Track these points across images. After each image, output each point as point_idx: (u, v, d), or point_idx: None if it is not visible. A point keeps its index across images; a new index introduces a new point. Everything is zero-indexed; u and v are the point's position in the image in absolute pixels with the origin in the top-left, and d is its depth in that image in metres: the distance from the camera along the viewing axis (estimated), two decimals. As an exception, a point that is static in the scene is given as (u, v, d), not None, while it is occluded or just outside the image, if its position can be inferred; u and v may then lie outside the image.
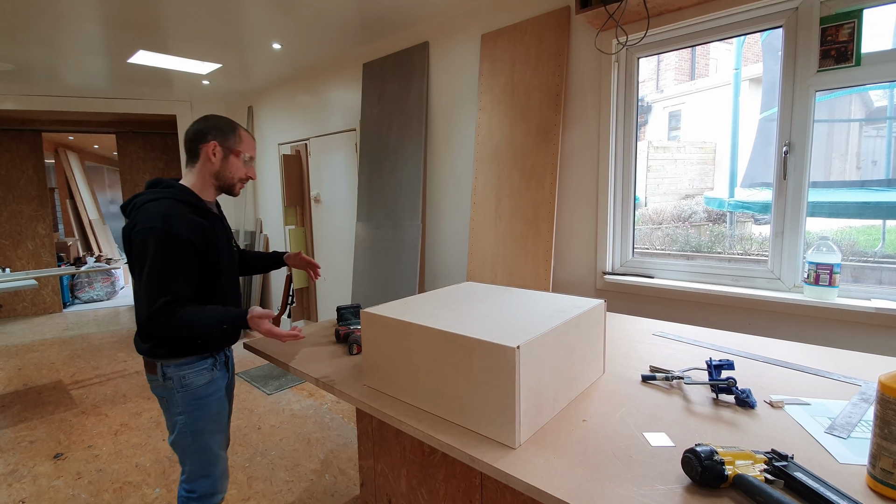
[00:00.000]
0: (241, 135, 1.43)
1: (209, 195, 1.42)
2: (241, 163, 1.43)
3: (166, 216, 1.24)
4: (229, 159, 1.40)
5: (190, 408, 1.37)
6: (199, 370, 1.38)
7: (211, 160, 1.38)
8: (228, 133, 1.40)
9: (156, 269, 1.22)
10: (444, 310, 1.14)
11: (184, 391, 1.36)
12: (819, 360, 1.30)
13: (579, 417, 0.99)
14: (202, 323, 1.24)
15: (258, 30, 2.92)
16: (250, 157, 1.46)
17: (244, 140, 1.43)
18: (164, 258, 1.23)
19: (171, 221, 1.24)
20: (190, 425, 1.38)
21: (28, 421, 2.88)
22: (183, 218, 1.26)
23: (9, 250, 5.52)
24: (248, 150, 1.45)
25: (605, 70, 2.05)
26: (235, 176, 1.43)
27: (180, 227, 1.24)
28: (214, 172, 1.40)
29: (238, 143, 1.42)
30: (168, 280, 1.23)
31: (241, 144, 1.42)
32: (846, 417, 0.97)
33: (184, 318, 1.22)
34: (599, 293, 2.16)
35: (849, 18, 1.57)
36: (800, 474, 0.72)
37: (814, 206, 1.75)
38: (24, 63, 3.52)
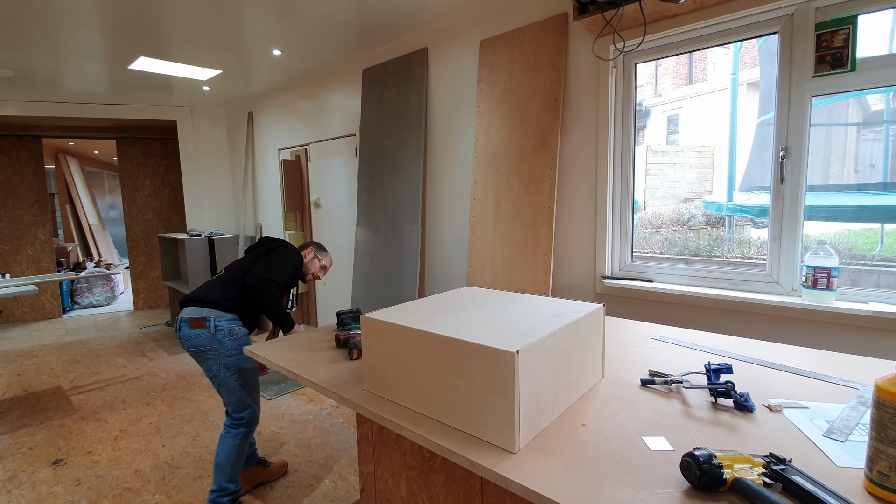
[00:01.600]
0: (329, 256, 2.28)
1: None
2: (319, 266, 2.22)
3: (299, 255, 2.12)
4: (312, 262, 2.19)
5: (237, 351, 1.91)
6: (241, 326, 1.96)
7: (305, 256, 2.18)
8: (323, 250, 2.27)
9: (282, 264, 1.98)
10: (444, 315, 1.15)
11: (232, 338, 1.90)
12: (817, 363, 1.30)
13: (579, 422, 0.99)
14: (279, 308, 1.91)
15: (259, 36, 2.94)
16: (325, 267, 2.26)
17: (329, 262, 2.27)
18: (289, 265, 2.01)
19: (301, 259, 2.11)
20: (236, 364, 1.91)
21: (27, 427, 2.88)
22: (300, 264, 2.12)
23: (8, 256, 5.52)
24: (328, 264, 2.26)
25: (603, 76, 2.07)
26: (312, 271, 2.20)
27: (299, 265, 2.10)
28: (304, 263, 2.17)
29: (324, 259, 2.24)
30: (283, 273, 1.96)
31: (325, 258, 2.24)
32: (844, 421, 0.97)
33: (276, 298, 1.90)
34: (598, 297, 2.17)
35: (844, 24, 1.59)
36: (797, 478, 0.73)
37: (812, 209, 1.76)
38: (25, 69, 3.53)
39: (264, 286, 1.86)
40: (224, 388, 1.91)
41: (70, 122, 5.17)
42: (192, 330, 1.86)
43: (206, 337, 1.86)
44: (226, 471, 1.92)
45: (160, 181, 6.16)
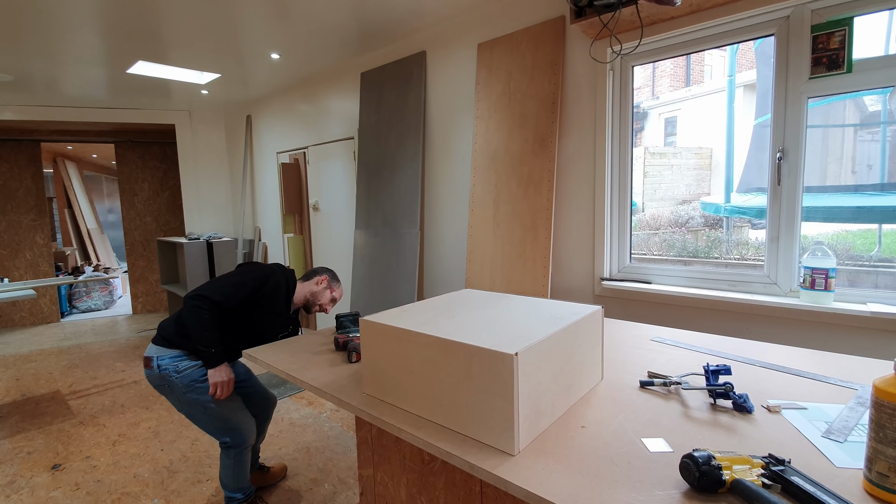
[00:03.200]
0: (340, 289, 2.05)
1: (298, 301, 1.95)
2: (330, 297, 1.99)
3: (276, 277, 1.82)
4: (322, 292, 1.97)
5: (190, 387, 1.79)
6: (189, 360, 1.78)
7: (317, 285, 1.96)
8: (336, 280, 2.04)
9: (234, 277, 1.74)
10: (443, 317, 1.15)
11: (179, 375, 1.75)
12: (816, 364, 1.31)
13: (578, 424, 0.99)
14: (204, 336, 1.66)
15: (257, 40, 2.95)
16: (335, 300, 2.02)
17: (339, 291, 2.04)
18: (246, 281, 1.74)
19: (271, 281, 1.80)
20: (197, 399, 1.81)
21: (26, 432, 2.87)
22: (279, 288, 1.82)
23: (7, 260, 5.51)
24: (338, 296, 2.04)
25: (601, 78, 2.08)
26: (321, 302, 1.96)
27: (270, 286, 1.79)
28: (313, 292, 1.95)
29: (336, 288, 2.01)
30: (232, 289, 1.70)
31: (337, 290, 2.02)
32: (843, 421, 0.97)
33: (208, 319, 1.65)
34: (597, 299, 2.17)
35: (839, 26, 1.60)
36: (797, 478, 0.73)
37: (810, 210, 1.77)
38: (24, 73, 3.54)
39: (190, 302, 1.62)
40: (194, 420, 1.82)
41: (69, 126, 5.17)
42: (145, 369, 1.79)
43: (154, 377, 1.76)
44: (228, 485, 1.91)
45: (159, 185, 6.16)
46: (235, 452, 1.85)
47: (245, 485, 1.92)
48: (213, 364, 1.67)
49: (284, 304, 1.85)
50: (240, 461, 1.87)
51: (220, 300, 1.64)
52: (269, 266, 1.85)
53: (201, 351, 1.66)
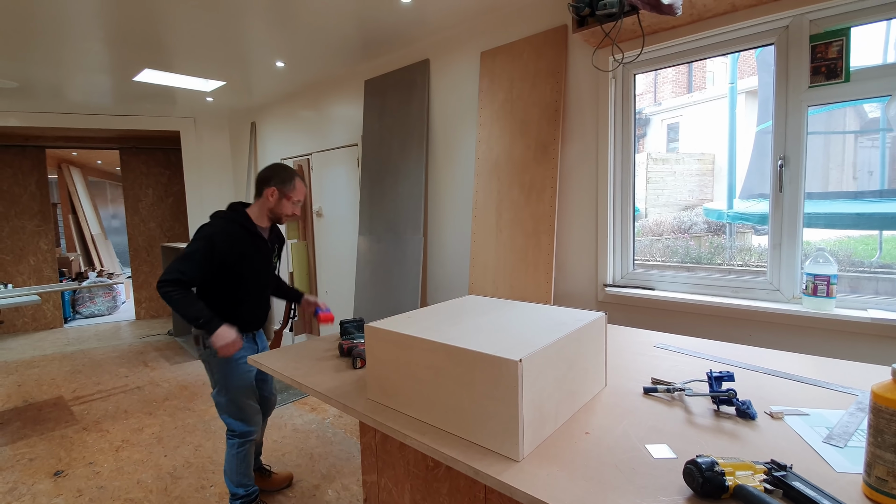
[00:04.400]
0: (297, 185, 1.88)
1: (263, 222, 1.90)
2: (290, 204, 1.89)
3: (216, 229, 1.75)
4: (283, 202, 1.87)
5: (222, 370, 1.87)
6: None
7: (269, 199, 1.86)
8: (285, 182, 1.86)
9: (186, 253, 1.70)
10: (447, 323, 1.16)
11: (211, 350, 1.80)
12: (817, 370, 1.31)
13: (582, 430, 1.00)
14: (189, 310, 1.68)
15: (261, 48, 2.98)
16: (298, 201, 1.91)
17: (297, 189, 1.89)
18: (196, 250, 1.70)
19: (216, 234, 1.74)
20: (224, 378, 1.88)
21: (28, 438, 2.87)
22: (226, 234, 1.76)
23: (10, 266, 5.54)
24: (298, 196, 1.90)
25: (603, 86, 2.10)
26: (285, 213, 1.89)
27: (219, 238, 1.73)
28: (269, 208, 1.87)
29: (291, 190, 1.87)
30: (189, 264, 1.69)
31: (293, 192, 1.88)
32: (843, 427, 0.98)
33: (181, 297, 1.67)
34: (600, 305, 2.18)
35: (837, 36, 1.62)
36: (798, 483, 0.74)
37: (812, 217, 1.78)
38: (29, 80, 3.58)
39: (159, 292, 1.66)
40: (217, 404, 1.92)
41: (73, 132, 5.22)
42: (195, 346, 1.88)
43: (203, 353, 1.86)
44: (232, 478, 1.94)
45: (163, 191, 6.20)
46: (239, 443, 1.92)
47: (247, 482, 1.97)
48: (212, 330, 1.69)
49: (249, 240, 1.82)
50: (243, 454, 1.93)
51: (178, 277, 1.66)
52: (209, 223, 1.79)
53: (195, 322, 1.70)
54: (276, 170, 1.87)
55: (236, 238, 1.77)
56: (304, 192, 1.91)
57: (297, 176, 1.89)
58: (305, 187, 1.88)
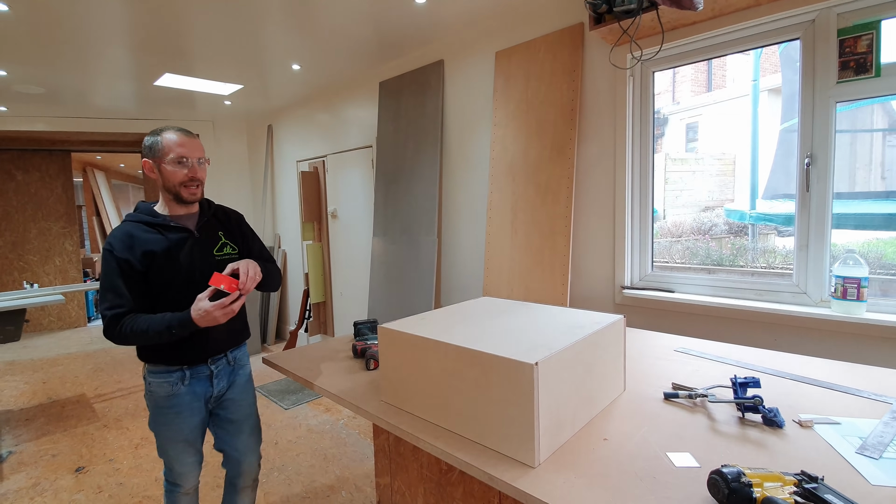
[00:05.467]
0: (163, 141, 1.38)
1: (176, 208, 1.45)
2: (172, 168, 1.37)
3: (112, 237, 1.37)
4: (162, 170, 1.39)
5: (152, 413, 1.48)
6: (162, 381, 1.43)
7: (152, 177, 1.44)
8: (152, 145, 1.40)
9: (101, 285, 1.35)
10: (462, 325, 1.14)
11: (149, 396, 1.46)
12: (848, 377, 1.26)
13: (600, 436, 0.97)
14: (152, 330, 1.30)
15: (278, 52, 3.01)
16: (180, 158, 1.37)
17: (167, 143, 1.37)
18: (106, 274, 1.34)
19: (113, 242, 1.35)
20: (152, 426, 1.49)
21: (51, 434, 2.94)
22: (124, 237, 1.36)
23: (37, 266, 5.70)
24: (172, 152, 1.37)
25: (620, 84, 2.06)
26: (175, 182, 1.39)
27: (117, 246, 1.34)
28: (161, 187, 1.42)
29: (161, 151, 1.38)
30: (111, 293, 1.33)
31: (163, 151, 1.38)
32: (877, 437, 0.93)
33: (133, 327, 1.30)
34: (618, 308, 2.14)
35: (867, 30, 1.55)
36: (830, 496, 0.70)
37: (839, 217, 1.71)
38: (55, 86, 3.67)
39: (116, 330, 1.31)
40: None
41: (97, 136, 5.35)
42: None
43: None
44: None
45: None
46: (168, 488, 1.55)
47: None
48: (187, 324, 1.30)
49: (158, 235, 1.38)
50: (170, 501, 1.55)
51: (109, 314, 1.31)
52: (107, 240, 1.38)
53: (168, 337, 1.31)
54: (145, 140, 1.41)
55: (137, 238, 1.36)
56: (181, 142, 1.38)
57: (165, 130, 1.40)
58: (190, 136, 1.42)
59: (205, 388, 1.49)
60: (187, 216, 1.47)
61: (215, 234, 1.51)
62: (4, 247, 5.54)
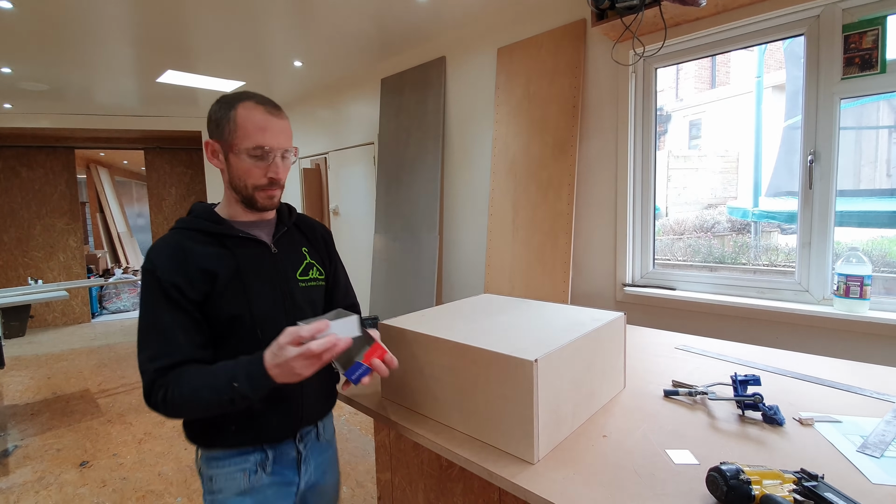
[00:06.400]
0: (238, 118, 0.91)
1: (245, 213, 1.00)
2: (247, 162, 0.93)
3: (154, 252, 0.91)
4: (230, 161, 0.94)
5: None
6: (233, 471, 0.96)
7: (215, 165, 0.98)
8: (219, 121, 0.93)
9: (140, 324, 0.89)
10: (462, 322, 1.14)
11: (210, 498, 0.97)
12: (850, 375, 1.25)
13: (599, 433, 0.97)
14: (206, 388, 0.83)
15: (280, 49, 3.01)
16: (258, 149, 0.92)
17: (242, 123, 0.91)
18: (146, 306, 0.89)
19: (155, 259, 0.89)
20: None
21: (56, 429, 2.96)
22: (173, 252, 0.90)
23: (41, 262, 5.74)
24: (249, 138, 0.91)
25: (622, 81, 2.05)
26: (248, 182, 0.94)
27: (163, 264, 0.89)
28: (227, 182, 0.98)
29: (231, 132, 0.92)
30: (154, 336, 0.87)
31: (235, 133, 0.91)
32: (879, 436, 0.93)
33: (184, 389, 0.83)
34: (619, 305, 2.13)
35: (872, 25, 1.54)
36: (830, 495, 0.70)
37: (844, 215, 1.70)
38: (59, 83, 3.69)
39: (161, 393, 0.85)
40: None
41: (101, 133, 5.37)
42: None
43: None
44: None
45: (185, 190, 6.33)
46: None
47: None
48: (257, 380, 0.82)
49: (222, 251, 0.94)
50: None
51: (152, 368, 0.85)
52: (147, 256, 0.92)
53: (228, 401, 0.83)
54: (211, 111, 0.96)
55: (192, 253, 0.91)
56: (266, 129, 0.92)
57: (242, 99, 0.93)
58: (277, 114, 0.96)
59: (292, 476, 1.04)
60: (260, 223, 1.03)
61: (298, 251, 1.07)
62: (10, 243, 5.57)
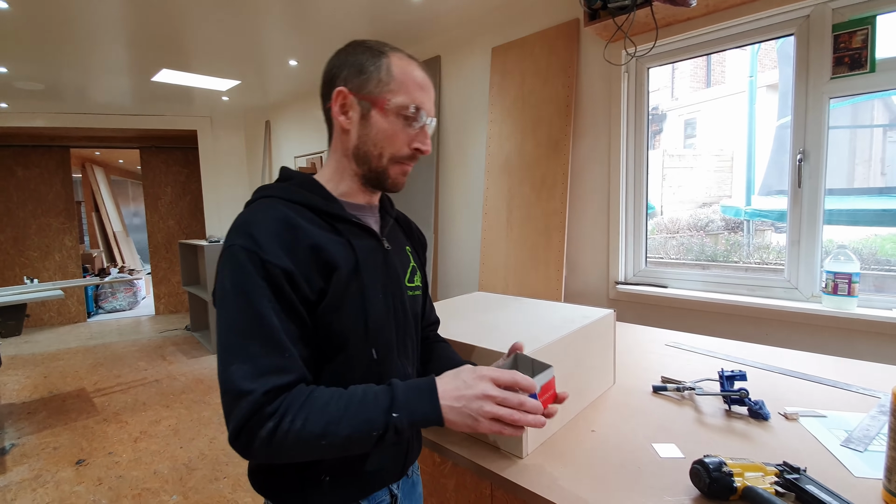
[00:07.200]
0: (395, 68, 0.73)
1: (357, 194, 0.79)
2: (393, 124, 0.73)
3: (250, 225, 0.65)
4: (372, 119, 0.73)
5: None
6: None
7: (341, 122, 0.75)
8: (368, 66, 0.73)
9: (233, 327, 0.62)
10: (454, 319, 1.15)
11: None
12: (838, 371, 1.27)
13: (588, 428, 0.98)
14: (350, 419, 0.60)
15: (275, 48, 3.01)
16: (414, 108, 0.73)
17: (400, 74, 0.73)
18: (247, 304, 0.62)
19: (257, 235, 0.64)
20: None
21: (52, 428, 2.96)
22: (280, 227, 0.66)
23: (37, 262, 5.72)
24: (405, 92, 0.73)
25: (615, 81, 2.06)
26: (384, 151, 0.74)
27: (268, 243, 0.64)
28: (350, 149, 0.76)
29: (387, 84, 0.72)
30: (259, 341, 0.61)
31: (391, 86, 0.72)
32: (863, 430, 0.95)
33: (312, 418, 0.59)
34: (612, 303, 2.15)
35: (862, 25, 1.56)
36: (812, 487, 0.71)
37: (837, 214, 1.71)
38: (54, 82, 3.68)
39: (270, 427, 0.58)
40: None
41: (96, 132, 5.35)
42: None
43: None
44: None
45: (181, 189, 6.32)
46: None
47: None
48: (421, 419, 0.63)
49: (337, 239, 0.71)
50: None
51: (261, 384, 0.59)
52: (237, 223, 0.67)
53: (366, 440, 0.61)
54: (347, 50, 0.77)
55: (308, 236, 0.68)
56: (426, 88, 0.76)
57: (393, 50, 0.76)
58: (424, 74, 0.75)
59: None
60: (369, 210, 0.82)
61: (404, 250, 0.87)
62: (6, 242, 5.56)
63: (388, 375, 0.74)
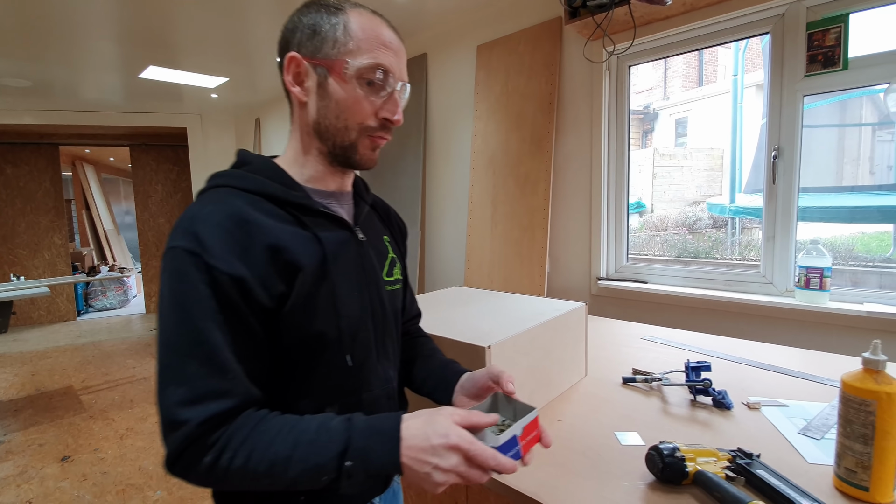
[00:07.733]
0: (353, 25, 0.64)
1: (326, 177, 0.71)
2: (355, 90, 0.65)
3: (195, 224, 0.57)
4: (330, 87, 0.65)
5: None
6: None
7: (299, 98, 0.67)
8: (322, 26, 0.64)
9: (169, 344, 0.56)
10: (429, 312, 1.17)
11: None
12: (806, 363, 1.29)
13: (555, 418, 1.00)
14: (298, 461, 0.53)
15: (264, 44, 3.01)
16: (379, 71, 0.65)
17: (358, 32, 0.64)
18: (185, 318, 0.55)
19: (203, 235, 0.56)
20: None
21: (38, 425, 2.96)
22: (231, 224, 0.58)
23: (26, 260, 5.69)
24: (366, 52, 0.64)
25: (597, 78, 2.08)
26: (349, 123, 0.66)
27: (215, 246, 0.55)
28: (309, 124, 0.68)
29: (344, 44, 0.64)
30: (196, 362, 0.54)
31: (349, 46, 0.64)
32: (822, 419, 0.97)
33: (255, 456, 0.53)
34: (594, 298, 2.17)
35: (835, 23, 1.58)
36: (762, 472, 0.73)
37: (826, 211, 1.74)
38: (42, 79, 3.66)
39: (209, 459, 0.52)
40: None
41: (86, 130, 5.32)
42: None
43: None
44: None
45: (172, 187, 6.30)
46: None
47: None
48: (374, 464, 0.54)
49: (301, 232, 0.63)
50: None
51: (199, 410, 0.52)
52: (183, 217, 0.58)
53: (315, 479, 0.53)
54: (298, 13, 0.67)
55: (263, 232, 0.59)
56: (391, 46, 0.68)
57: (352, 6, 0.67)
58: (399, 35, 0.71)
59: None
60: (340, 197, 0.74)
61: (381, 241, 0.79)
62: (-7, 240, 5.52)
63: (367, 382, 0.69)
